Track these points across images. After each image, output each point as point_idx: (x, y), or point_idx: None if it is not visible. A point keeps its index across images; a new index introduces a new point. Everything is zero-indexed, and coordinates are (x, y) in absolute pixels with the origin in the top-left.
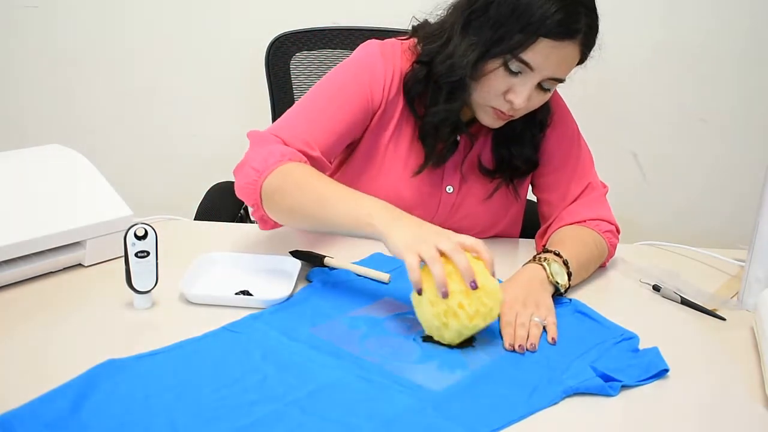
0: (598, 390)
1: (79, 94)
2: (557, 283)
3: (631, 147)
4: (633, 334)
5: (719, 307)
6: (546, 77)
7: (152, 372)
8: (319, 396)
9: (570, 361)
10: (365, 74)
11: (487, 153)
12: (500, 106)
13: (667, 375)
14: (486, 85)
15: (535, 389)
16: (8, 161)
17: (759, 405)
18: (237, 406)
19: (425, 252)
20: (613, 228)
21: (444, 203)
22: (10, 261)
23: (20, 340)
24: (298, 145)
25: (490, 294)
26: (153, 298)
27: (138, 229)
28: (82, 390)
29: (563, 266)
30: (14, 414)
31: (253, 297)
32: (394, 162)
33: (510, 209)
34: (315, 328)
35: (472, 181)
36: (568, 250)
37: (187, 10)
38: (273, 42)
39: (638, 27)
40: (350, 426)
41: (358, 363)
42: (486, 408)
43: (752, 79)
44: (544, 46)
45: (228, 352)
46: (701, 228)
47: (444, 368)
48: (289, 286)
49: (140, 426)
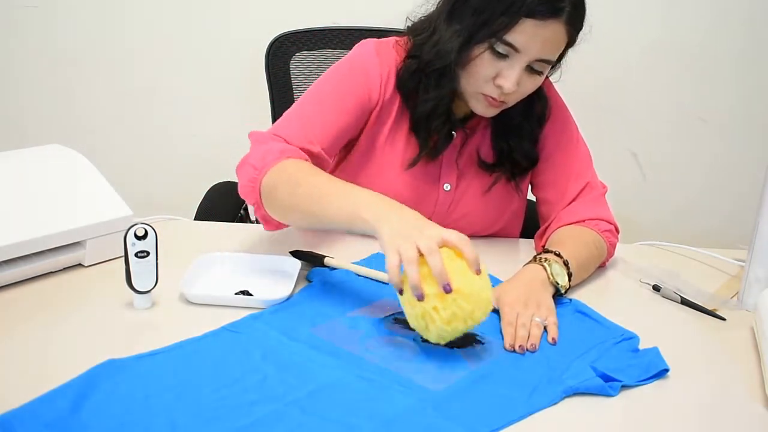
0: (598, 390)
1: (79, 94)
2: (558, 284)
3: (630, 147)
4: (633, 334)
5: (719, 307)
6: (534, 59)
7: (152, 372)
8: (319, 396)
9: (570, 361)
10: (361, 73)
11: (486, 147)
12: (491, 92)
13: (667, 375)
14: (474, 71)
15: (535, 389)
16: (8, 161)
17: (759, 405)
18: (237, 406)
19: (404, 251)
20: (612, 228)
21: (441, 201)
22: (10, 261)
23: (20, 340)
24: (298, 143)
25: (469, 297)
26: (153, 298)
27: (138, 229)
28: (82, 390)
29: (564, 267)
30: (14, 414)
31: (253, 297)
32: (390, 160)
33: (510, 205)
34: (315, 328)
35: (471, 177)
36: (568, 251)
37: (187, 10)
38: (273, 42)
39: (638, 26)
40: (350, 426)
41: (359, 363)
42: (486, 408)
43: (751, 78)
44: (528, 26)
45: (228, 352)
46: (701, 228)
47: (444, 368)
48: (289, 286)
49: (140, 426)
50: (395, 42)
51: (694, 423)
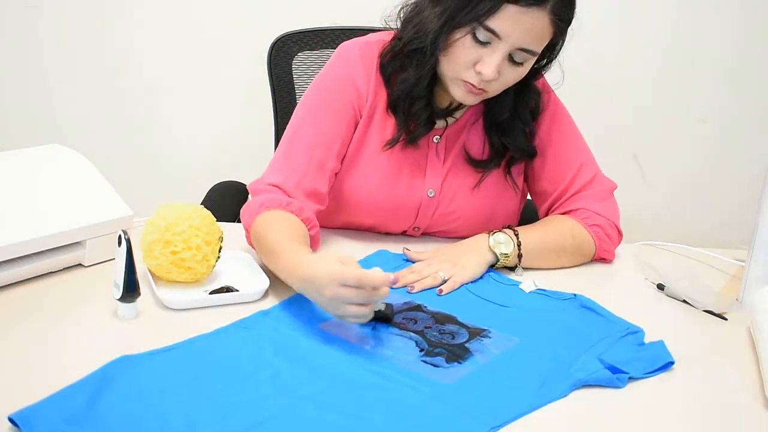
0: (606, 382)
1: (80, 94)
2: (497, 253)
3: (631, 147)
4: (638, 328)
5: (727, 310)
6: (515, 47)
7: (166, 368)
8: (331, 390)
9: (578, 355)
10: (344, 89)
11: (476, 143)
12: (471, 79)
13: (672, 368)
14: (455, 56)
15: (544, 382)
16: (8, 161)
17: (759, 405)
18: (252, 401)
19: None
20: (609, 223)
21: (425, 206)
22: (10, 261)
23: (20, 341)
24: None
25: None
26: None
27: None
28: (98, 385)
29: (512, 239)
30: (32, 410)
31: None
32: (374, 168)
33: (505, 200)
34: (324, 323)
35: (460, 178)
36: (530, 231)
37: (189, 10)
38: (275, 42)
39: (638, 27)
40: (364, 419)
41: (368, 358)
42: (496, 401)
43: (752, 79)
44: (511, 12)
45: (240, 347)
46: (701, 228)
47: (453, 362)
48: (265, 278)
49: (157, 420)
50: (383, 40)
51: (695, 421)
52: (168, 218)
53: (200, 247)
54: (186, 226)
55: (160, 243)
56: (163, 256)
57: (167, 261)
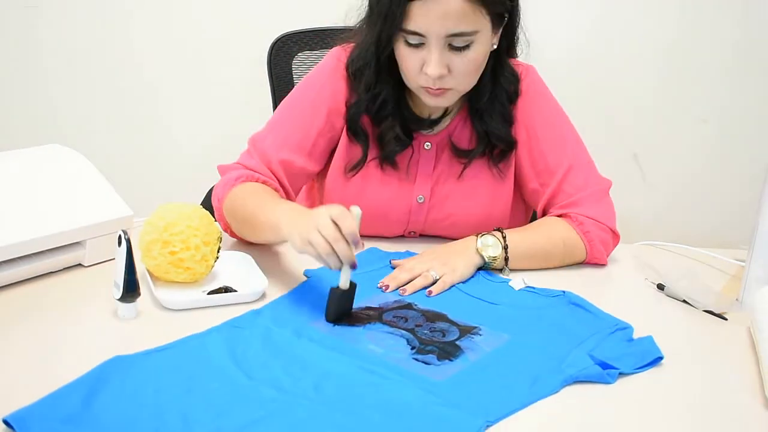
0: (596, 378)
1: (80, 94)
2: (484, 255)
3: (631, 147)
4: (627, 324)
5: (727, 310)
6: (444, 35)
7: (160, 367)
8: (325, 388)
9: (568, 351)
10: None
11: (464, 134)
12: (425, 83)
13: (661, 363)
14: (405, 67)
15: (536, 379)
16: (8, 161)
17: (759, 405)
18: (246, 399)
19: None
20: (605, 227)
21: (414, 214)
22: (10, 261)
23: (20, 341)
24: (256, 165)
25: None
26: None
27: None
28: (93, 386)
29: (499, 242)
30: (28, 411)
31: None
32: (362, 176)
33: (497, 201)
34: (315, 322)
35: (451, 182)
36: (519, 234)
37: (189, 9)
38: (275, 42)
39: (638, 27)
40: (359, 415)
41: (360, 356)
42: (489, 397)
43: (752, 79)
44: (417, 8)
45: (233, 346)
46: (701, 228)
47: (444, 360)
48: (264, 278)
49: (153, 420)
50: None
51: (694, 420)
52: (166, 218)
53: (199, 247)
54: (184, 227)
55: (158, 243)
56: (162, 257)
57: (165, 261)
